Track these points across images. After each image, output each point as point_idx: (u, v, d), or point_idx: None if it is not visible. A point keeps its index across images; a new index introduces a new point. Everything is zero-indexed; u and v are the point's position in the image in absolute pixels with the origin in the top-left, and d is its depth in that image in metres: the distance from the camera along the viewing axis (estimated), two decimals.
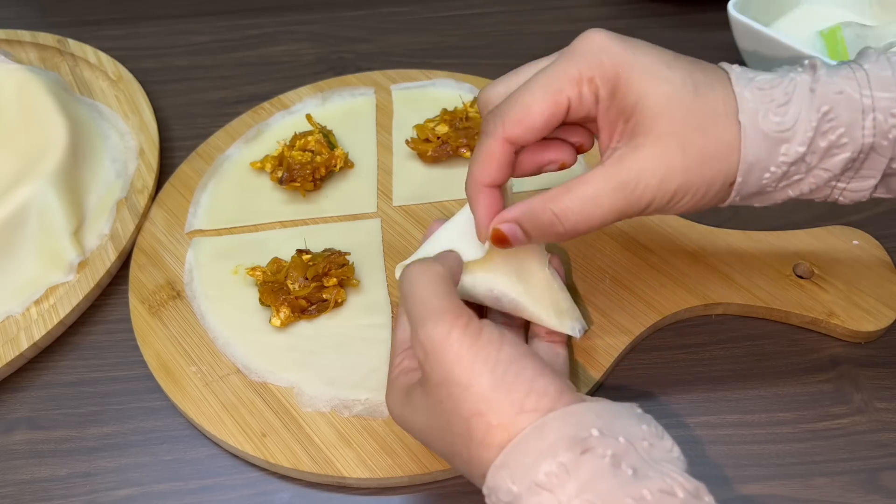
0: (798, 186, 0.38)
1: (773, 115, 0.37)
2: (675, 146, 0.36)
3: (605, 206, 0.37)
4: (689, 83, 0.37)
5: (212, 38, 0.72)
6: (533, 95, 0.37)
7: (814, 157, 0.37)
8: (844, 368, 0.47)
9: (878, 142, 0.36)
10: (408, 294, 0.36)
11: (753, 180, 0.38)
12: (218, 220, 0.55)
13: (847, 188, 0.39)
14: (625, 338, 0.47)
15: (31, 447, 0.46)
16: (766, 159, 0.37)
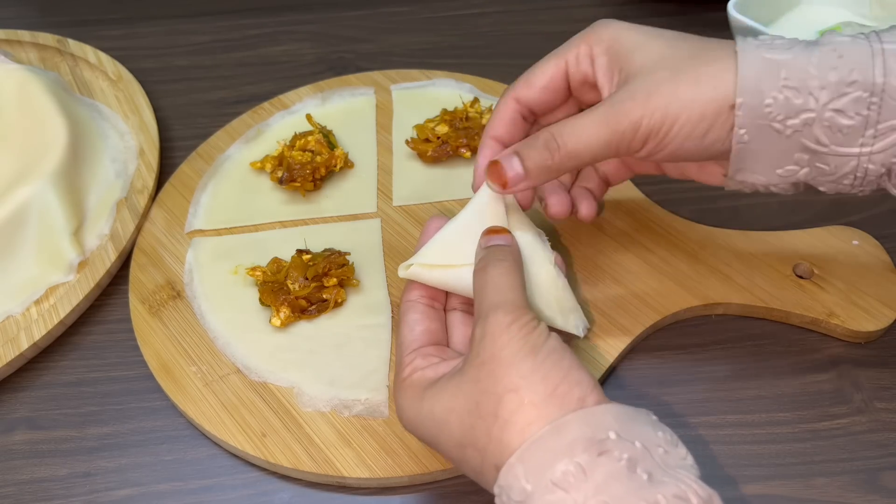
0: (812, 131, 0.36)
1: (772, 49, 0.37)
2: (665, 70, 0.38)
3: (597, 127, 0.38)
4: (685, 37, 0.39)
5: (212, 38, 0.72)
6: (538, 65, 0.43)
7: (822, 92, 0.36)
8: (844, 368, 0.47)
9: (889, 82, 0.35)
10: (490, 277, 0.38)
11: (756, 106, 0.36)
12: (218, 220, 0.55)
13: (873, 150, 0.36)
14: (625, 338, 0.47)
15: (31, 447, 0.46)
16: (765, 80, 0.36)
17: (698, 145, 0.38)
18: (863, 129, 0.36)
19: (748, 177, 0.39)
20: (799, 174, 0.38)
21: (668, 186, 0.56)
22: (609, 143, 0.38)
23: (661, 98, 0.37)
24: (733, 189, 0.41)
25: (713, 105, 0.37)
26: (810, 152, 0.37)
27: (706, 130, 0.37)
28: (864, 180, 0.37)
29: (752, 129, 0.37)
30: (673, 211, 0.54)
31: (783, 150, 0.38)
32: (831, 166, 0.37)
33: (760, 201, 0.56)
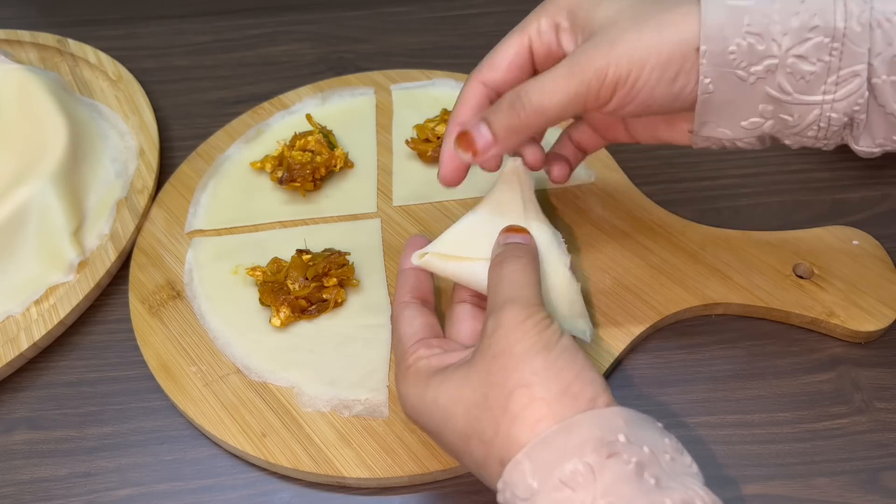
0: (775, 79, 0.36)
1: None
2: (627, 20, 0.38)
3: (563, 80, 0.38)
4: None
5: (212, 38, 0.72)
6: (500, 44, 0.42)
7: (785, 38, 0.36)
8: (844, 368, 0.47)
9: (850, 27, 0.35)
10: (507, 272, 0.38)
11: (719, 52, 0.36)
12: (218, 220, 0.55)
13: (836, 98, 0.36)
14: (625, 338, 0.47)
15: (31, 447, 0.46)
16: (728, 27, 0.36)
17: (668, 91, 0.37)
18: (825, 76, 0.36)
19: (713, 131, 0.39)
20: (764, 126, 0.38)
21: (668, 186, 0.56)
22: (577, 94, 0.37)
23: (625, 45, 0.37)
24: (701, 147, 0.41)
25: (679, 48, 0.37)
26: (774, 102, 0.37)
27: (675, 74, 0.37)
28: (827, 131, 0.37)
29: (717, 77, 0.37)
30: (673, 211, 0.54)
31: (747, 99, 0.37)
32: (795, 116, 0.37)
33: (760, 201, 0.56)
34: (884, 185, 0.56)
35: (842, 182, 0.57)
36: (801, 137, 0.38)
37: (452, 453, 0.37)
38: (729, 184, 0.57)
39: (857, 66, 0.35)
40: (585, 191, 0.55)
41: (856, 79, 0.36)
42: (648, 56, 0.37)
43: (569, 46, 0.40)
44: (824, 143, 0.38)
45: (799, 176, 0.57)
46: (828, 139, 0.38)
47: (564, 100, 0.38)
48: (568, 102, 0.38)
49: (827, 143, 0.39)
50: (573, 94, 0.37)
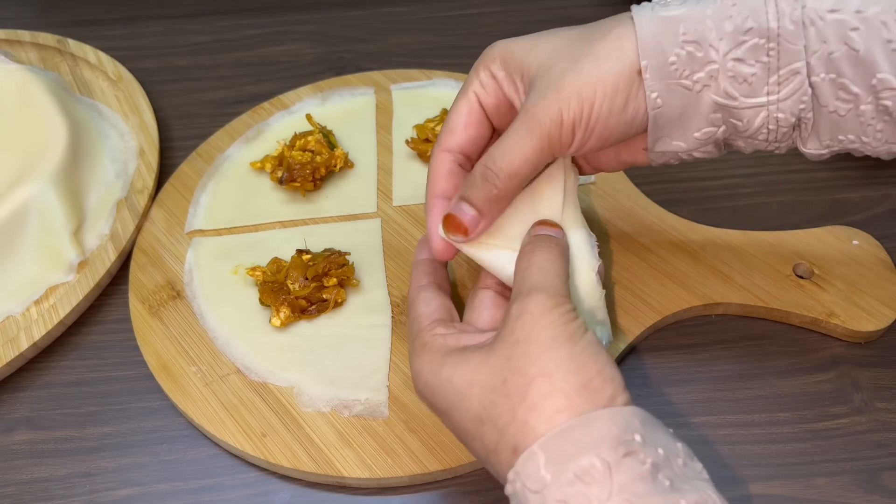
0: (718, 84, 0.36)
1: (666, 7, 0.37)
2: (564, 60, 0.38)
3: (524, 139, 0.38)
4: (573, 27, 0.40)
5: (212, 38, 0.72)
6: (451, 108, 0.42)
7: (721, 43, 0.36)
8: (844, 368, 0.47)
9: (784, 26, 0.35)
10: (536, 259, 0.38)
11: (661, 66, 0.36)
12: (218, 220, 0.55)
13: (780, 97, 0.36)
14: (625, 338, 0.47)
15: (32, 447, 0.46)
16: (665, 39, 0.36)
17: (622, 120, 0.38)
18: (766, 77, 0.36)
19: (667, 146, 0.39)
20: (717, 133, 0.38)
21: (668, 186, 0.56)
22: (541, 148, 0.38)
23: (570, 86, 0.37)
24: (658, 164, 0.41)
25: (622, 76, 0.37)
26: (722, 108, 0.37)
27: (625, 102, 0.37)
28: (777, 133, 0.37)
29: (663, 90, 0.37)
30: (673, 211, 0.54)
31: (696, 108, 0.38)
32: (744, 121, 0.37)
33: (761, 201, 0.56)
34: (884, 185, 0.56)
35: (842, 182, 0.57)
36: (753, 141, 0.38)
37: (460, 436, 0.37)
38: (729, 184, 0.57)
39: (796, 63, 0.35)
40: (586, 191, 0.55)
41: (796, 76, 0.36)
42: (595, 91, 0.37)
43: (511, 93, 0.40)
44: (776, 145, 0.39)
45: (799, 176, 0.57)
46: (779, 141, 0.38)
47: (532, 156, 0.38)
48: (535, 158, 0.38)
49: (779, 146, 0.39)
50: (538, 149, 0.38)
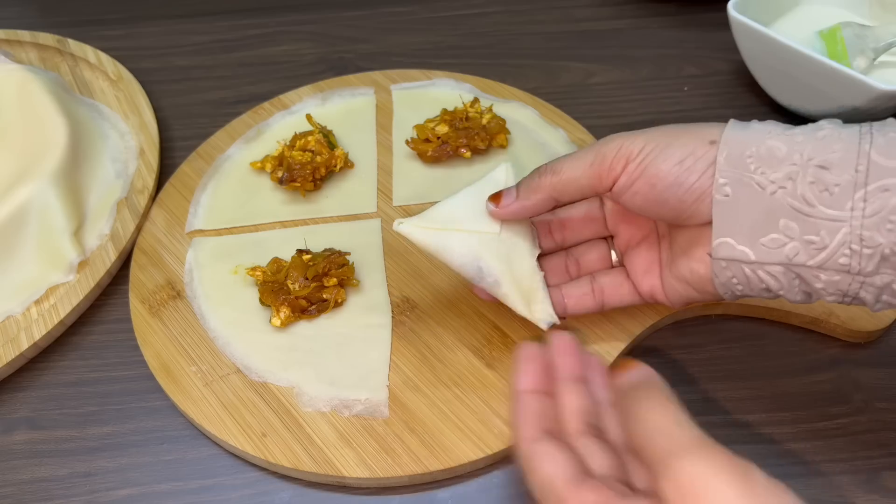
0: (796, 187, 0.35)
1: (764, 124, 0.38)
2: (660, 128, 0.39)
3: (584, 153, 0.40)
4: None
5: (212, 38, 0.72)
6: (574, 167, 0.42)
7: (807, 147, 0.35)
8: (844, 368, 0.47)
9: (877, 144, 0.34)
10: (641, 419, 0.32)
11: (737, 156, 0.36)
12: (218, 220, 0.56)
13: (865, 214, 0.33)
14: (625, 338, 0.47)
15: (32, 447, 0.46)
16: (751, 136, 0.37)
17: (674, 172, 0.37)
18: (852, 191, 0.34)
19: (732, 251, 0.37)
20: (786, 248, 0.36)
21: None
22: (591, 164, 0.39)
23: (649, 131, 0.39)
24: (723, 287, 0.39)
25: (693, 137, 0.38)
26: (798, 217, 0.35)
27: (684, 157, 0.37)
28: (861, 256, 0.34)
29: (734, 181, 0.36)
30: None
31: (767, 211, 0.36)
32: (821, 235, 0.35)
33: None
34: None
35: None
36: (833, 271, 0.35)
37: None
38: None
39: (888, 179, 0.33)
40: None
41: (885, 193, 0.33)
42: (664, 138, 0.38)
43: None
44: (861, 282, 0.34)
45: None
46: (864, 276, 0.34)
47: (578, 166, 0.40)
48: (581, 170, 0.40)
49: (865, 284, 0.34)
50: (588, 164, 0.40)
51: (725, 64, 0.67)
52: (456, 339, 0.48)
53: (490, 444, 0.43)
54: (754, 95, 0.64)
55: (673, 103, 0.64)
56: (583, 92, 0.65)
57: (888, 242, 0.33)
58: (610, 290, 0.45)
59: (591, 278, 0.46)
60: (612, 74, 0.66)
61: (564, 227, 0.46)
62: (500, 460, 0.44)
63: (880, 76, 0.60)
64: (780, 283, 0.37)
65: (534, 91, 0.63)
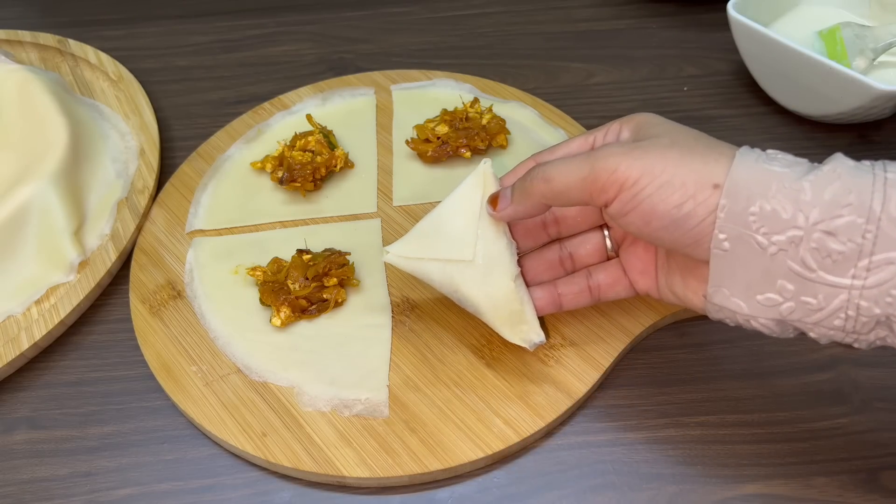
0: (797, 251, 0.34)
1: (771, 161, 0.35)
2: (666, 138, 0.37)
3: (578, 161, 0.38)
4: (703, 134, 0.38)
5: (212, 38, 0.72)
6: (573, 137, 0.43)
7: (814, 210, 0.33)
8: (843, 368, 0.47)
9: (889, 212, 0.32)
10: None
11: (739, 212, 0.34)
12: (218, 220, 0.56)
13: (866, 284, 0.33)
14: (625, 338, 0.47)
15: (32, 447, 0.46)
16: (754, 188, 0.34)
17: (671, 213, 0.35)
18: (856, 259, 0.33)
19: (726, 300, 0.37)
20: (781, 307, 0.35)
21: None
22: (584, 179, 0.37)
23: (648, 154, 0.36)
24: (716, 319, 0.39)
25: (695, 176, 0.35)
26: (796, 280, 0.34)
27: (683, 200, 0.35)
28: (856, 322, 0.34)
29: (734, 237, 0.35)
30: None
31: (766, 270, 0.35)
32: (819, 299, 0.34)
33: None
34: None
35: None
36: (826, 329, 0.35)
37: None
38: None
39: (893, 252, 0.32)
40: None
41: (889, 266, 0.32)
42: (663, 172, 0.35)
43: None
44: (854, 337, 0.34)
45: None
46: (858, 333, 0.34)
47: (571, 178, 0.38)
48: (574, 183, 0.38)
49: (858, 339, 0.34)
50: (581, 178, 0.37)
51: (725, 64, 0.67)
52: (456, 339, 0.48)
53: (490, 444, 0.43)
54: (754, 96, 0.64)
55: (673, 103, 0.64)
56: (582, 92, 0.65)
57: (884, 312, 0.33)
58: (606, 287, 0.44)
59: (587, 274, 0.45)
60: (611, 74, 0.67)
61: (559, 221, 0.45)
62: (500, 460, 0.44)
63: (880, 76, 0.60)
64: (772, 330, 0.37)
65: (533, 91, 0.63)
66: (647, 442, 0.45)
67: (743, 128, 0.62)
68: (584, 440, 0.45)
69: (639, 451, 0.44)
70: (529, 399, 0.45)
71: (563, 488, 0.43)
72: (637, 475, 0.43)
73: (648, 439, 0.45)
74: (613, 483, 0.43)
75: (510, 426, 0.44)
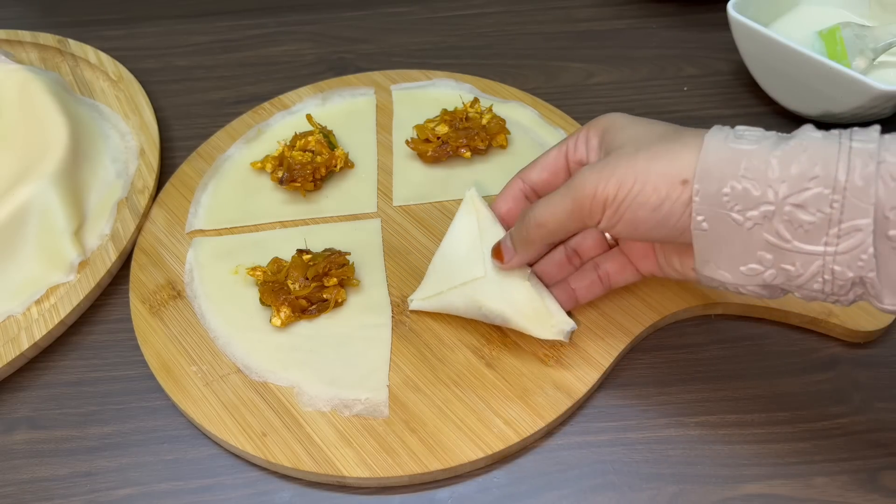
0: (772, 225, 0.35)
1: (739, 140, 0.36)
2: (631, 146, 0.39)
3: (562, 199, 0.41)
4: (667, 124, 0.41)
5: (212, 38, 0.72)
6: (549, 150, 0.46)
7: (782, 185, 0.35)
8: (844, 368, 0.47)
9: (852, 181, 0.33)
10: None
11: (713, 194, 0.36)
12: (218, 220, 0.56)
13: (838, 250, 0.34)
14: (625, 338, 0.47)
15: (32, 447, 0.46)
16: (725, 169, 0.36)
17: (652, 216, 0.38)
18: (826, 228, 0.34)
19: (714, 272, 0.38)
20: (765, 275, 0.37)
21: None
22: (572, 211, 0.40)
23: (618, 169, 0.38)
24: (711, 287, 0.41)
25: (665, 178, 0.37)
26: (773, 250, 0.36)
27: (659, 203, 0.37)
28: (833, 284, 0.35)
29: (711, 217, 0.36)
30: None
31: (745, 243, 0.36)
32: (797, 266, 0.36)
33: None
34: None
35: None
36: (808, 291, 0.36)
37: None
38: None
39: (860, 220, 0.33)
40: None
41: (857, 233, 0.34)
42: (634, 182, 0.38)
43: (592, 160, 0.43)
44: (835, 298, 0.36)
45: None
46: (836, 294, 0.36)
47: (561, 216, 0.41)
48: (565, 218, 0.41)
49: (839, 300, 0.36)
50: (569, 212, 0.40)
51: (725, 64, 0.67)
52: (456, 339, 0.48)
53: (490, 444, 0.43)
54: (754, 96, 0.64)
55: (673, 103, 0.64)
56: (582, 92, 0.65)
57: (857, 275, 0.35)
58: (615, 275, 0.47)
59: (595, 265, 0.47)
60: (611, 74, 0.67)
61: None
62: (499, 460, 0.44)
63: (880, 76, 0.60)
64: (761, 295, 0.39)
65: (534, 91, 0.63)
66: (647, 442, 0.45)
67: None
68: (584, 440, 0.45)
69: (639, 451, 0.44)
70: (529, 399, 0.45)
71: (563, 488, 0.43)
72: (637, 475, 0.43)
73: (648, 439, 0.45)
74: (613, 483, 0.43)
75: (510, 426, 0.44)
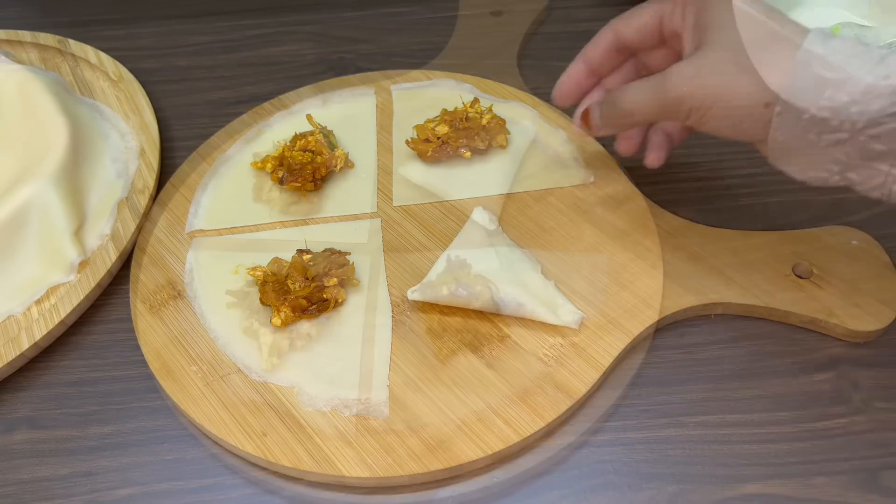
0: (844, 147, 0.38)
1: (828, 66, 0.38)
2: (726, 52, 0.41)
3: (649, 94, 0.44)
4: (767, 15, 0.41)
5: (212, 38, 0.72)
6: (638, 7, 0.48)
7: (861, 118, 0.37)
8: (844, 368, 0.47)
9: None
10: None
11: (793, 118, 0.38)
12: (218, 220, 0.56)
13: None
14: (625, 338, 0.47)
15: (32, 447, 0.46)
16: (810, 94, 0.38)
17: (735, 128, 0.42)
18: (894, 157, 0.37)
19: (785, 167, 0.42)
20: (829, 181, 0.40)
21: (668, 186, 0.56)
22: (659, 111, 0.44)
23: (706, 81, 0.41)
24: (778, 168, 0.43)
25: (749, 98, 0.40)
26: (841, 164, 0.39)
27: (741, 119, 0.41)
28: (890, 196, 0.39)
29: (788, 133, 0.39)
30: (673, 211, 0.54)
31: (817, 156, 0.40)
32: (861, 177, 0.39)
33: (760, 201, 0.56)
34: None
35: None
36: (866, 194, 0.40)
37: None
38: (729, 184, 0.57)
39: None
40: (585, 191, 0.55)
41: None
42: (720, 98, 0.41)
43: (686, 41, 0.45)
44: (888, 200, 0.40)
45: None
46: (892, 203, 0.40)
47: (648, 111, 0.45)
48: (651, 113, 0.45)
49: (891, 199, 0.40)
50: (657, 109, 0.44)
51: None
52: (456, 339, 0.48)
53: (490, 444, 0.43)
54: None
55: None
56: None
57: None
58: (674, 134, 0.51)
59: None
60: None
61: None
62: (499, 460, 0.44)
63: None
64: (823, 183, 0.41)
65: (533, 91, 0.63)
66: (647, 442, 0.45)
67: None
68: (584, 440, 0.45)
69: (639, 451, 0.44)
70: (529, 399, 0.45)
71: (563, 488, 0.43)
72: (637, 475, 0.43)
73: (648, 439, 0.45)
74: (613, 483, 0.43)
75: (510, 426, 0.44)
